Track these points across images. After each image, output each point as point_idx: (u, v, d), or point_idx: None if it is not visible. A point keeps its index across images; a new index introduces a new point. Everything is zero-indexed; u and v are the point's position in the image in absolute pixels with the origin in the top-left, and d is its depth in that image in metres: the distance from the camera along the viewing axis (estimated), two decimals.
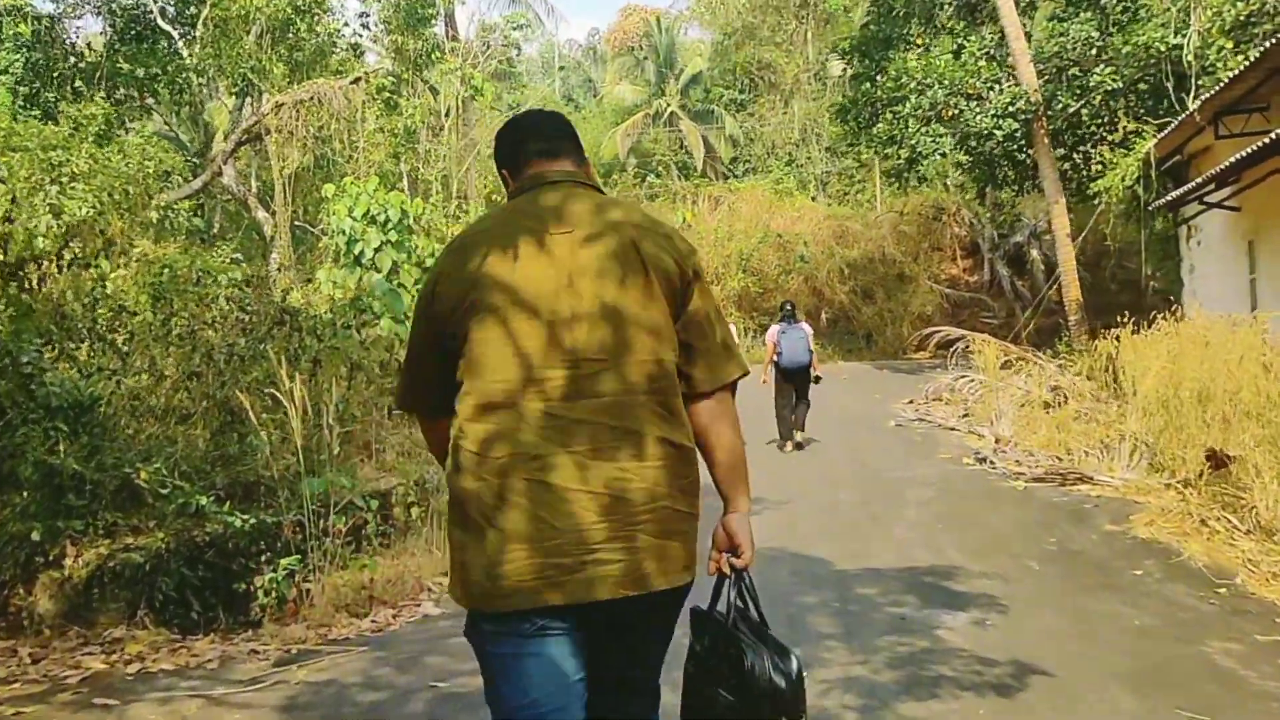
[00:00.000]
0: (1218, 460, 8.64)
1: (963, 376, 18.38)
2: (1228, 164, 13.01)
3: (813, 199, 36.38)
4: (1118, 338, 13.18)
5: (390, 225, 20.41)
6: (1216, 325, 11.07)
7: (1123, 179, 17.11)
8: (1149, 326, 12.21)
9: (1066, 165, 20.99)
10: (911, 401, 18.73)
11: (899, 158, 20.12)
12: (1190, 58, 16.17)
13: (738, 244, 29.67)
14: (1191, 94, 16.31)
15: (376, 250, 20.41)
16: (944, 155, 20.22)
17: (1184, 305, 18.16)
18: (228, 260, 12.65)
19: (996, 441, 13.47)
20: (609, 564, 2.33)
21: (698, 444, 2.55)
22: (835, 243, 30.15)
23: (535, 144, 2.67)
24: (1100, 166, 19.74)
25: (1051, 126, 19.83)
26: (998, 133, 19.41)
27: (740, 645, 2.53)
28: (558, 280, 2.40)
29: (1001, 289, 29.56)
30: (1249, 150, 12.41)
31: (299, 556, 6.95)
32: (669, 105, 47.97)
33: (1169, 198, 15.07)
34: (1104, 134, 20.25)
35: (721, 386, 2.57)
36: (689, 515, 2.47)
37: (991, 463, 11.99)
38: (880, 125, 20.26)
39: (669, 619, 2.57)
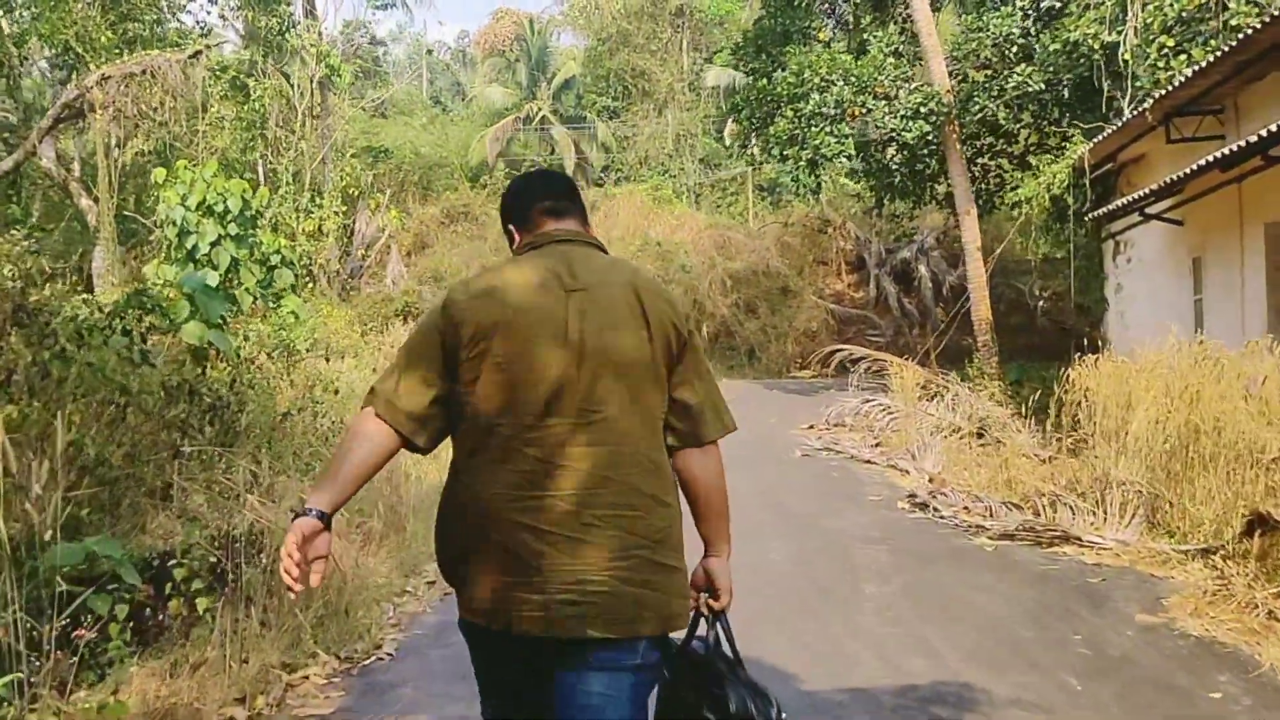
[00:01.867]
0: (1267, 523, 6.65)
1: (869, 401, 16.47)
2: (1190, 169, 11.24)
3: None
4: (1062, 367, 11.42)
5: (230, 217, 17.64)
6: (1215, 354, 9.16)
7: (1048, 187, 15.37)
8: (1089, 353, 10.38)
9: (977, 172, 19.24)
10: (812, 427, 16.75)
11: (799, 159, 18.10)
12: (1127, 56, 14.49)
13: (615, 251, 27.37)
14: (1127, 95, 14.64)
15: (213, 244, 17.62)
16: (849, 158, 18.26)
17: (1107, 327, 16.53)
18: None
19: (930, 480, 11.47)
20: (578, 604, 2.40)
21: (684, 491, 2.64)
22: (717, 253, 28.17)
23: (545, 203, 2.74)
24: (1018, 175, 18.08)
25: (965, 131, 18.04)
26: (907, 135, 17.55)
27: (724, 685, 2.60)
28: (568, 336, 2.48)
29: (888, 306, 27.93)
30: (1216, 155, 10.62)
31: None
32: (540, 109, 45.76)
33: (1111, 206, 13.33)
34: (1025, 139, 18.60)
35: (706, 442, 2.64)
36: (669, 568, 2.52)
37: (935, 510, 9.94)
38: (780, 123, 18.22)
39: (647, 665, 2.52)
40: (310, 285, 19.30)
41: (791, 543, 8.68)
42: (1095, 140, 14.61)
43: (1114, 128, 14.09)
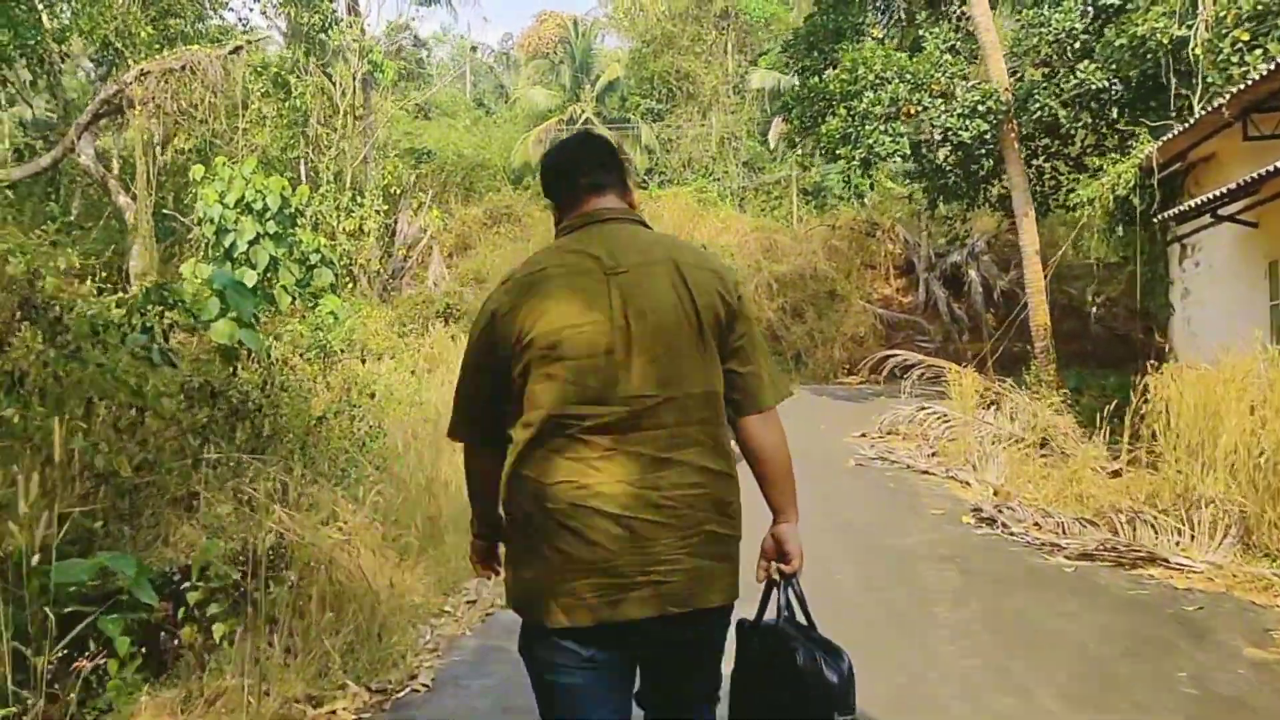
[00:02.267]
0: None
1: (923, 408, 15.83)
2: (1273, 167, 10.54)
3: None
4: (1127, 375, 10.77)
5: (269, 214, 17.29)
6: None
7: (1114, 188, 14.67)
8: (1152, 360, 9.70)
9: (1033, 174, 18.55)
10: (864, 435, 16.14)
11: (852, 159, 17.48)
12: (1197, 51, 13.78)
13: None
14: (1198, 93, 13.93)
15: (252, 243, 17.27)
16: (904, 157, 17.62)
17: (1173, 333, 15.81)
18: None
19: (995, 494, 10.85)
20: (660, 584, 2.46)
21: (747, 460, 2.69)
22: (763, 256, 27.55)
23: (583, 180, 2.71)
24: (1075, 176, 17.37)
25: (1024, 130, 17.34)
26: (964, 134, 16.88)
27: (791, 646, 2.62)
28: (614, 318, 2.48)
29: (937, 311, 27.20)
30: None
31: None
32: (584, 111, 45.29)
33: (1183, 207, 12.62)
34: (1087, 138, 17.89)
35: (764, 409, 2.66)
36: (731, 538, 2.60)
37: (1004, 525, 9.33)
38: (833, 121, 17.60)
39: (716, 637, 2.65)
40: (350, 285, 18.91)
41: (856, 562, 8.10)
42: (1163, 139, 13.89)
43: (1183, 126, 13.39)
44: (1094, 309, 26.62)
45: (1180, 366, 9.69)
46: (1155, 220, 14.15)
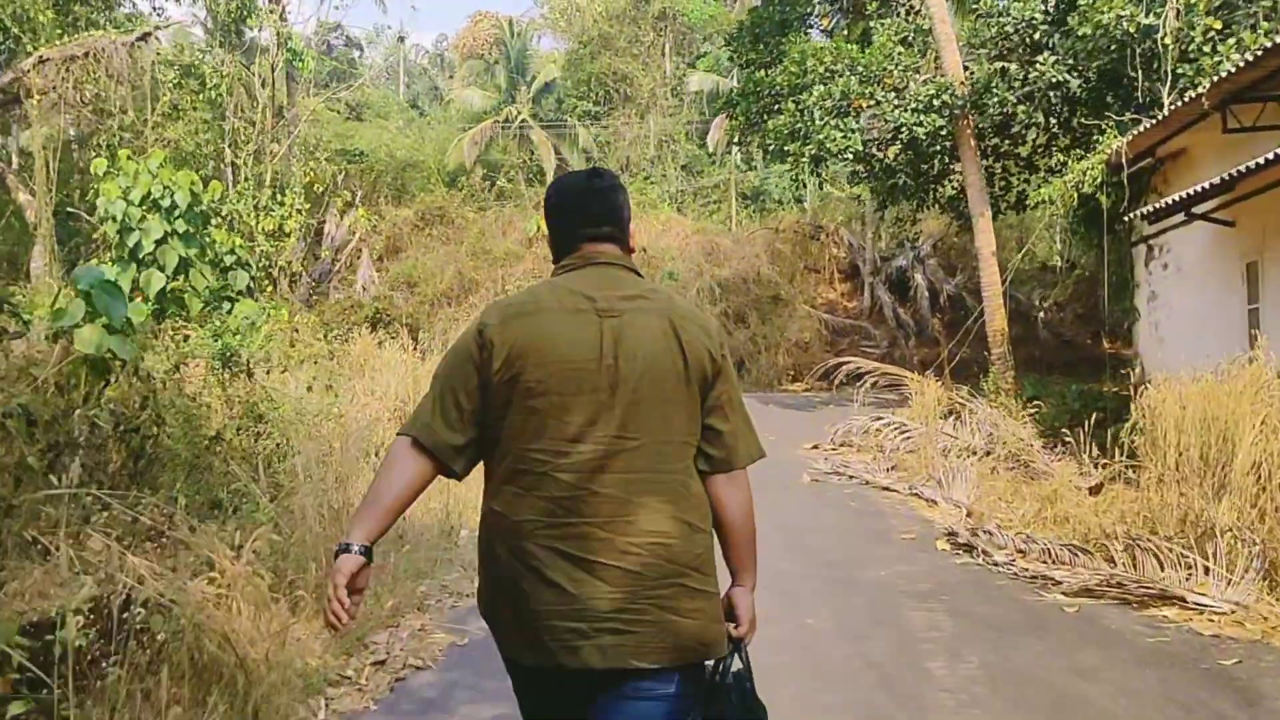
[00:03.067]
0: None
1: (879, 419, 14.86)
2: (1258, 161, 9.67)
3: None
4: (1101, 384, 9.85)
5: (178, 212, 15.95)
6: None
7: (1079, 185, 13.78)
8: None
9: (986, 174, 17.69)
10: (816, 446, 15.14)
11: (802, 155, 16.47)
12: (1167, 40, 12.94)
13: None
14: (1167, 85, 13.09)
15: (159, 243, 15.92)
16: (856, 154, 16.63)
17: (1139, 339, 14.98)
18: None
19: (967, 515, 9.86)
20: (621, 633, 2.35)
21: (713, 518, 2.57)
22: (705, 259, 26.51)
23: (587, 228, 2.65)
24: (1026, 176, 16.54)
25: (979, 125, 16.45)
26: (919, 129, 15.95)
27: (721, 708, 2.55)
28: (603, 359, 2.43)
29: (883, 316, 26.33)
30: None
31: None
32: (520, 113, 44.14)
33: (1158, 205, 11.72)
34: (1038, 138, 17.07)
35: (736, 468, 2.58)
36: (705, 594, 2.47)
37: (984, 553, 8.32)
38: (781, 117, 16.60)
39: (684, 694, 2.46)
40: (270, 289, 17.56)
41: (828, 601, 7.03)
42: (1132, 133, 13.04)
43: (1151, 120, 12.55)
44: (1042, 314, 25.97)
45: (1178, 376, 8.69)
46: (1126, 219, 13.29)
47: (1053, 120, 16.54)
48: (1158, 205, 11.95)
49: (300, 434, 9.52)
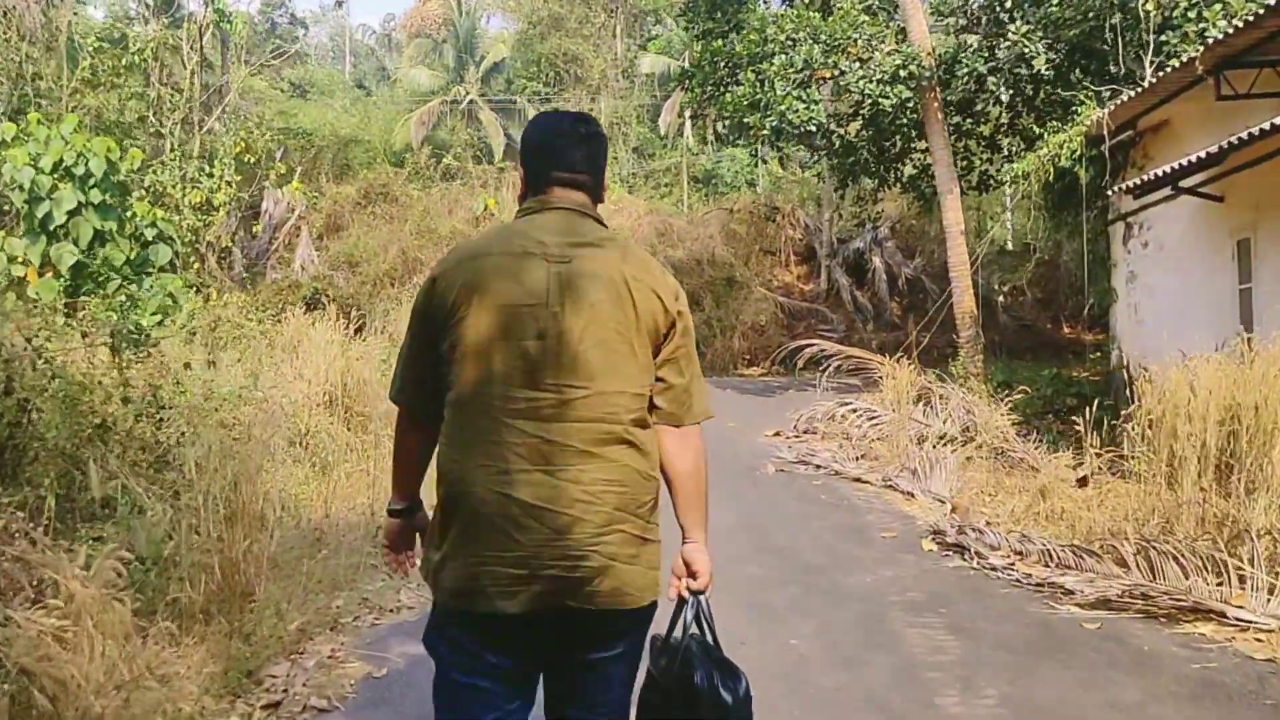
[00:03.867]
0: None
1: (845, 404, 13.92)
2: (1257, 130, 8.79)
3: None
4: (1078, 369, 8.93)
5: (93, 182, 14.65)
6: None
7: (1054, 159, 12.87)
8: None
9: (962, 147, 16.81)
10: (778, 433, 14.18)
11: (763, 127, 15.44)
12: (1149, 6, 12.06)
13: None
14: (1149, 53, 12.21)
15: (72, 214, 14.60)
16: (819, 126, 15.62)
17: (1116, 322, 14.13)
18: None
19: (952, 510, 8.91)
20: (562, 579, 2.33)
21: (662, 474, 2.55)
22: (658, 240, 25.45)
23: (558, 172, 2.58)
24: (989, 155, 15.63)
25: (948, 96, 15.51)
26: (885, 101, 14.98)
27: (691, 665, 2.51)
28: (549, 303, 2.39)
29: (840, 299, 25.41)
30: None
31: None
32: (468, 93, 42.93)
33: (1145, 178, 10.83)
34: (1001, 115, 16.19)
35: (687, 424, 2.56)
36: (646, 541, 2.45)
37: (978, 556, 7.37)
38: (740, 88, 15.55)
39: (623, 645, 2.49)
40: (197, 265, 16.28)
41: (812, 615, 6.01)
42: (1114, 104, 12.15)
43: (1135, 90, 11.66)
44: (1002, 298, 25.19)
45: (1195, 358, 7.77)
46: (1110, 193, 12.37)
47: (1018, 97, 15.62)
48: (1143, 179, 11.05)
49: (211, 421, 8.42)
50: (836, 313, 25.05)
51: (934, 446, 11.19)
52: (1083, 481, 9.09)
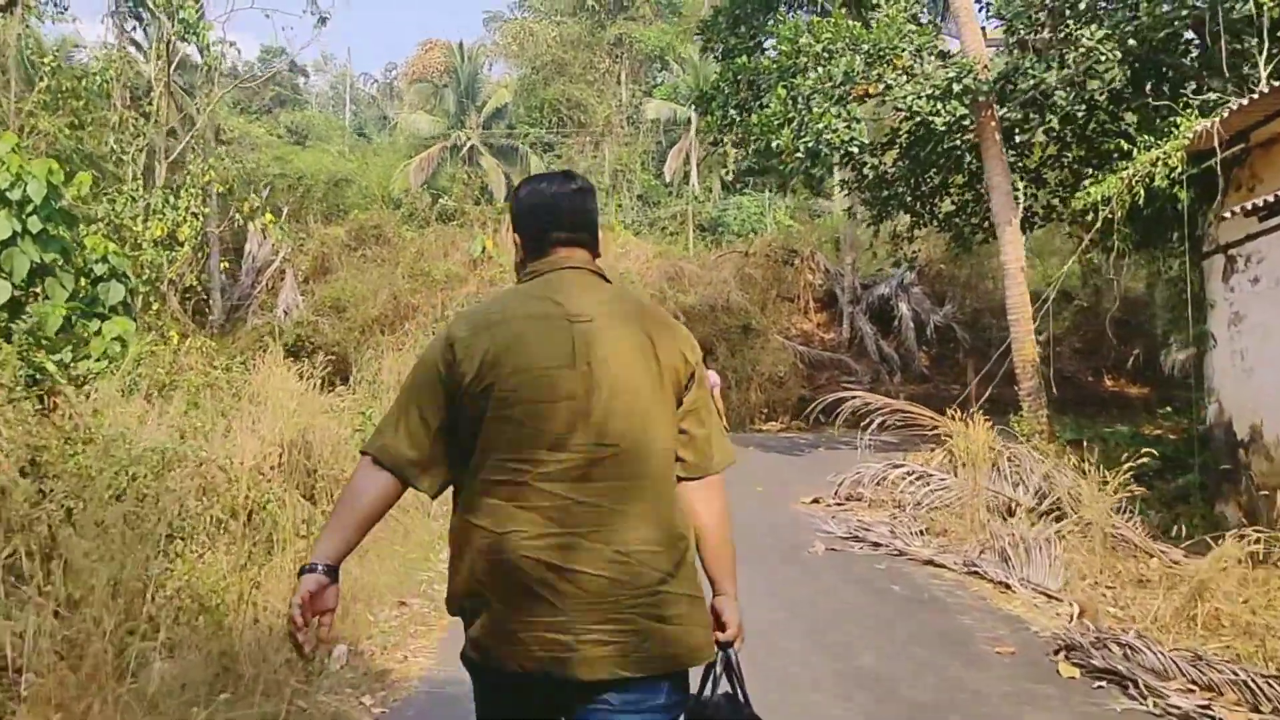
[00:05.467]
0: None
1: (896, 466, 11.82)
2: None
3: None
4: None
5: (31, 208, 12.67)
6: None
7: (1146, 179, 10.83)
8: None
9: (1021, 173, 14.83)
10: (817, 500, 12.07)
11: (796, 149, 13.43)
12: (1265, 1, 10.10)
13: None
14: (1263, 55, 10.24)
15: (6, 244, 12.63)
16: (860, 148, 13.61)
17: (1212, 370, 11.99)
18: None
19: (1080, 615, 6.79)
20: (608, 644, 2.26)
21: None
22: (668, 285, 23.44)
23: (558, 233, 2.53)
24: (1044, 189, 13.64)
25: (1006, 116, 13.52)
26: (936, 120, 13.00)
27: None
28: (576, 365, 2.34)
29: (864, 348, 23.37)
30: None
31: None
32: (469, 139, 41.29)
33: (1271, 198, 8.80)
34: (1072, 135, 14.23)
35: (712, 473, 2.51)
36: (691, 598, 2.37)
37: (1150, 689, 5.23)
38: (772, 106, 13.57)
39: (669, 703, 2.36)
40: (156, 305, 14.27)
41: None
42: (1222, 112, 10.16)
43: (1245, 98, 9.69)
44: (1038, 349, 23.13)
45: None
46: (1222, 218, 10.28)
47: (1084, 114, 13.64)
48: (1269, 199, 9.03)
49: (104, 493, 6.35)
50: (860, 363, 22.99)
51: (1021, 521, 9.06)
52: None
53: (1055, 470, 10.49)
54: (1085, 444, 12.58)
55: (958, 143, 14.23)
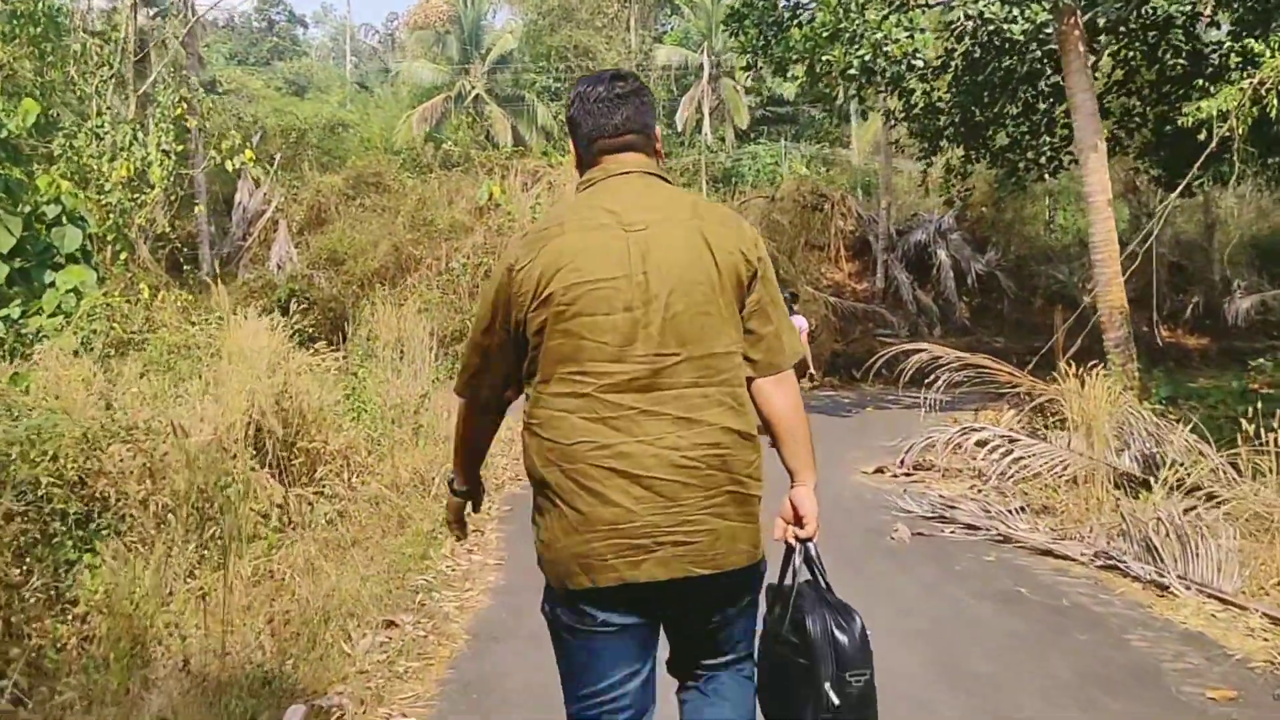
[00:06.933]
0: None
1: (970, 430, 10.09)
2: None
3: None
4: None
5: None
6: None
7: (1277, 88, 8.99)
8: None
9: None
10: (881, 470, 10.37)
11: (848, 64, 11.55)
12: None
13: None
14: None
15: None
16: (925, 62, 11.75)
17: None
18: None
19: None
20: (683, 545, 2.31)
21: (763, 422, 2.51)
22: None
23: (603, 140, 2.51)
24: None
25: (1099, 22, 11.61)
26: (1013, 27, 11.12)
27: (802, 610, 2.51)
28: (633, 275, 2.34)
29: (900, 299, 21.55)
30: None
31: None
32: (474, 87, 39.37)
33: None
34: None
35: (783, 369, 2.52)
36: (753, 498, 2.43)
37: None
38: (819, 17, 11.67)
39: (746, 598, 2.49)
40: (124, 254, 12.52)
41: None
42: None
43: None
44: (1086, 296, 21.35)
45: None
46: None
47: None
48: None
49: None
50: (896, 314, 21.17)
51: (1159, 500, 7.30)
52: None
53: (1172, 434, 8.75)
54: (1177, 402, 10.91)
55: (1030, 58, 12.33)
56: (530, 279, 2.34)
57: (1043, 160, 15.78)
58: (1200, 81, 12.16)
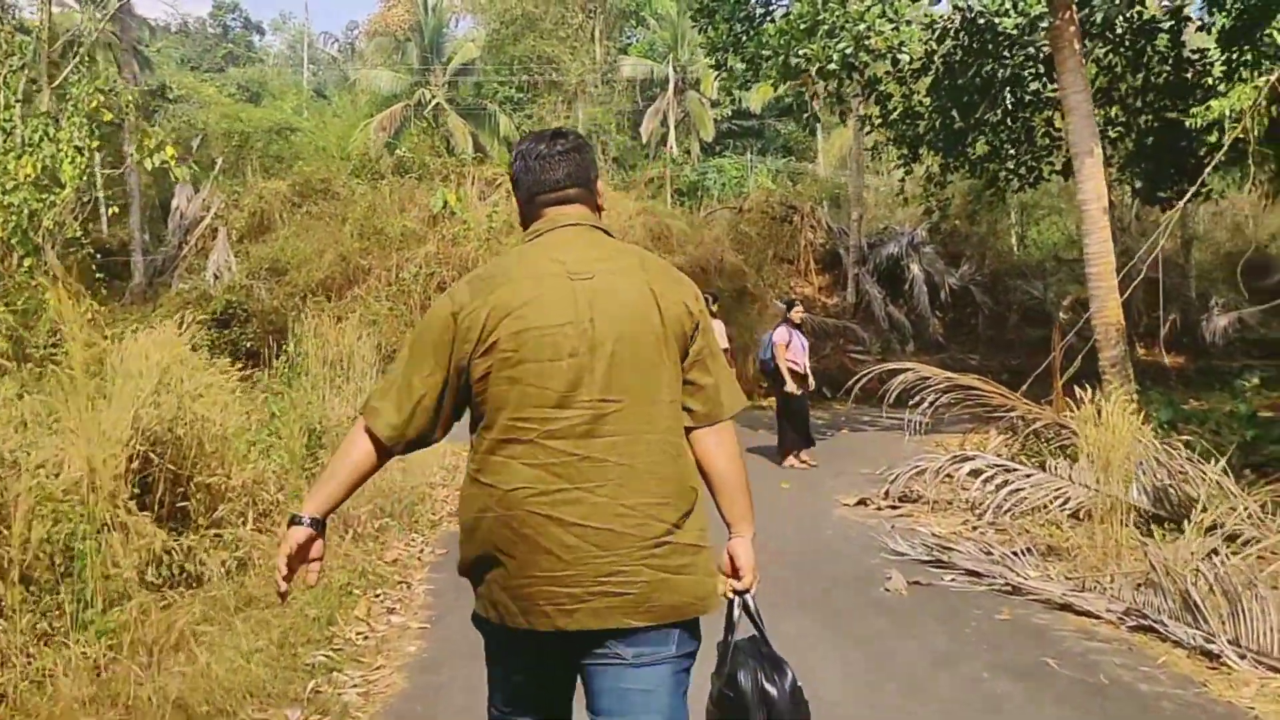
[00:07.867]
0: None
1: (962, 459, 9.08)
2: None
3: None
4: None
5: None
6: None
7: None
8: None
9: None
10: (863, 502, 9.32)
11: (827, 59, 10.55)
12: None
13: (519, 238, 19.53)
14: None
15: None
16: (910, 57, 10.77)
17: None
18: None
19: None
20: (617, 595, 2.26)
21: (701, 473, 2.49)
22: (653, 244, 20.50)
23: (544, 195, 2.53)
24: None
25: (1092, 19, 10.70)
26: (1005, 21, 10.17)
27: (737, 664, 2.50)
28: (579, 321, 2.32)
29: (871, 314, 20.57)
30: None
31: None
32: (434, 96, 38.21)
33: None
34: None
35: (723, 420, 2.50)
36: (697, 548, 2.37)
37: None
38: (795, 8, 10.67)
39: (681, 653, 2.36)
40: (28, 259, 11.30)
41: None
42: None
43: None
44: (1062, 315, 20.49)
45: None
46: None
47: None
48: None
49: None
50: (868, 330, 20.19)
51: (1191, 544, 6.30)
52: None
53: (1184, 463, 7.77)
54: (1176, 427, 9.98)
55: (1012, 63, 11.40)
56: (476, 325, 2.32)
57: (1023, 170, 14.93)
58: (1196, 80, 11.29)
